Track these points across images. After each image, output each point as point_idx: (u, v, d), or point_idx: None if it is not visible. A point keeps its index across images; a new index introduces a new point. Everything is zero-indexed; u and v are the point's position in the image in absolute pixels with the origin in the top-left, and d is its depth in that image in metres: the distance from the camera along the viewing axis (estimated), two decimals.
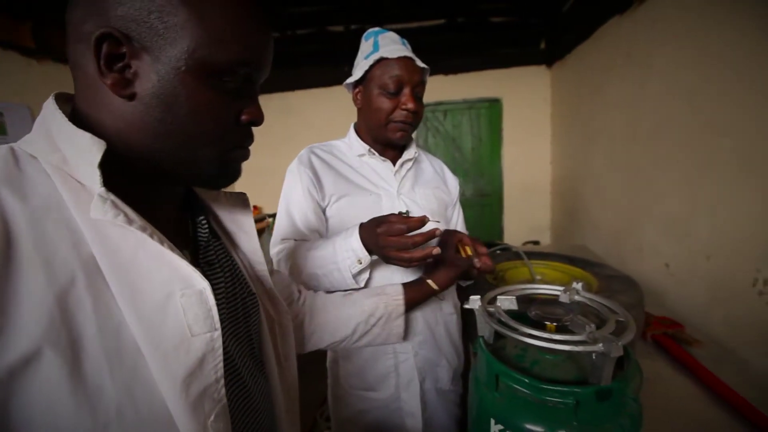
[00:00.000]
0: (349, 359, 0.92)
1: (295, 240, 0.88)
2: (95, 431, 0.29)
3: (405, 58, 0.82)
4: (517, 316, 0.64)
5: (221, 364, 0.36)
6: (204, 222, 0.47)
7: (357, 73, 0.87)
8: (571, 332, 0.55)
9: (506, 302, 0.63)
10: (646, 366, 1.07)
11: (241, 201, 0.54)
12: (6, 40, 1.97)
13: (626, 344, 0.52)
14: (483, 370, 0.60)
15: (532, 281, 1.26)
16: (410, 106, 0.83)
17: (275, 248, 0.90)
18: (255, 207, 3.84)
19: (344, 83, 0.92)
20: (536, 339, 0.51)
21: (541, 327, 0.58)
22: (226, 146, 0.41)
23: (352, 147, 0.94)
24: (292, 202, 0.89)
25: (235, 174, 0.44)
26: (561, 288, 0.69)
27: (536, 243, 3.87)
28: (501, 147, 3.72)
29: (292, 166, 0.91)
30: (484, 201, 3.85)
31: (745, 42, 1.26)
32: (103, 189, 0.32)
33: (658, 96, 1.77)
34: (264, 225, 3.46)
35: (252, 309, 0.49)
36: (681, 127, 1.61)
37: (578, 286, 0.68)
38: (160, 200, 0.42)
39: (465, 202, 3.83)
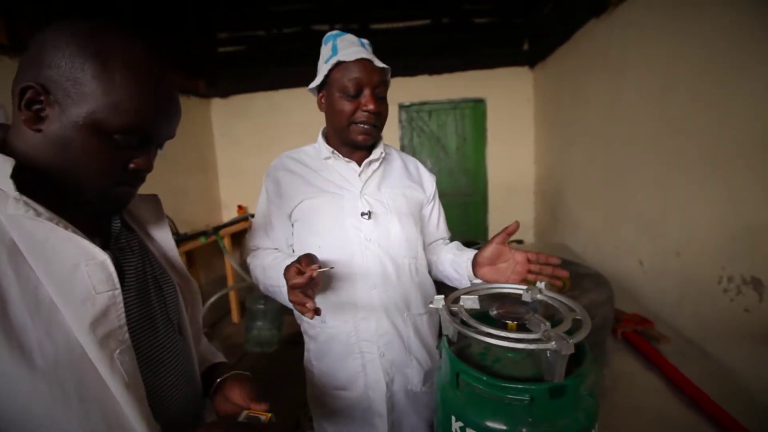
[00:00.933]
0: (321, 359, 0.92)
1: (264, 248, 0.97)
2: (23, 357, 0.41)
3: (362, 60, 0.83)
4: (480, 315, 0.65)
5: (123, 314, 0.49)
6: (116, 218, 0.58)
7: (318, 77, 0.89)
8: (529, 331, 0.56)
9: (469, 301, 0.64)
10: (616, 362, 1.11)
11: (153, 202, 0.66)
12: None
13: (585, 341, 0.53)
14: (445, 368, 0.61)
15: None
16: (370, 107, 0.83)
17: (248, 254, 0.99)
18: (240, 207, 3.81)
19: (308, 88, 0.93)
20: (492, 337, 0.52)
21: (503, 326, 0.59)
22: (110, 184, 0.51)
23: (319, 151, 0.96)
24: (259, 212, 0.98)
25: (119, 204, 0.55)
26: (524, 287, 0.71)
27: (520, 242, 3.93)
28: (485, 147, 3.76)
29: (264, 177, 0.98)
30: (468, 200, 3.89)
31: (712, 45, 1.31)
32: (16, 193, 0.43)
33: (631, 98, 1.82)
34: (249, 224, 3.43)
35: (166, 285, 0.61)
36: (652, 128, 1.66)
37: (541, 285, 0.69)
38: (77, 202, 0.52)
39: (450, 201, 3.89)
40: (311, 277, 0.71)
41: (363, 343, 0.89)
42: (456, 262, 0.93)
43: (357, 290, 0.88)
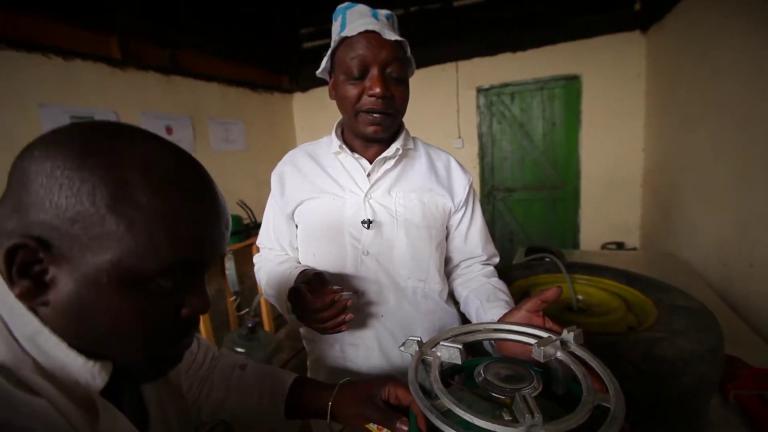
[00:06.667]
0: (314, 373, 0.84)
1: (270, 248, 0.91)
2: None
3: (368, 33, 0.68)
4: (466, 371, 0.49)
5: None
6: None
7: (324, 60, 0.76)
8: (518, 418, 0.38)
9: (446, 352, 0.47)
10: None
11: None
12: (96, 53, 2.28)
13: None
14: None
15: (572, 304, 1.03)
16: (376, 90, 0.68)
17: (257, 255, 0.94)
18: None
19: (317, 72, 0.81)
20: (445, 423, 0.36)
21: (484, 399, 0.42)
22: (158, 345, 0.37)
23: (332, 143, 0.84)
24: (267, 210, 0.91)
25: (165, 369, 0.40)
26: (543, 334, 0.51)
27: (620, 245, 3.30)
28: (579, 132, 3.22)
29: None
30: (556, 194, 3.40)
31: None
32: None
33: None
34: None
35: None
36: None
37: (569, 336, 0.49)
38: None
39: (534, 196, 3.47)
40: (345, 305, 0.65)
41: (350, 373, 0.78)
42: (479, 315, 0.75)
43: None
